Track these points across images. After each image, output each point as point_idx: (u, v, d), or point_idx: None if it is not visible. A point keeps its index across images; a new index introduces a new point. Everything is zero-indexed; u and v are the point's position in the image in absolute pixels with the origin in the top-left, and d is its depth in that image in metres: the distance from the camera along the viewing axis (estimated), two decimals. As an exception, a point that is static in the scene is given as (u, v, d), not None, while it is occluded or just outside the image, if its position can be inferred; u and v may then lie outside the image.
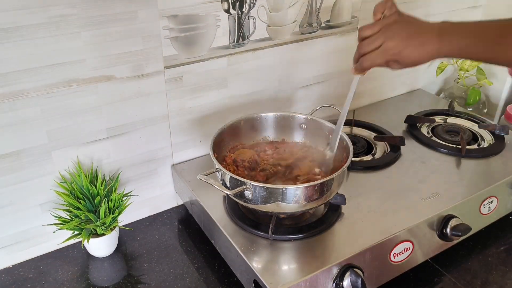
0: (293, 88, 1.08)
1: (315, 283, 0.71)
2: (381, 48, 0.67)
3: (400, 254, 0.79)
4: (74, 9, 0.72)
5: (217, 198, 0.87)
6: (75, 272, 0.84)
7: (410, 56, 0.66)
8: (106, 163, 0.88)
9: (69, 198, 0.81)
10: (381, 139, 1.05)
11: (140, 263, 0.86)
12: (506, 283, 0.83)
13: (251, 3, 0.91)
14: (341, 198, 0.81)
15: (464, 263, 0.88)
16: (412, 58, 0.66)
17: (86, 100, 0.80)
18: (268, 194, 0.71)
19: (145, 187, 0.95)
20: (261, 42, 0.97)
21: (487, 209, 0.91)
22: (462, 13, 1.32)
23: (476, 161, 0.99)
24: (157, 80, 0.86)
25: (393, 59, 0.67)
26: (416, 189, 0.89)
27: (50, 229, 0.84)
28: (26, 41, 0.70)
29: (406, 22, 0.68)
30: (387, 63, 0.68)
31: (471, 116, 1.17)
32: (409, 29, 0.67)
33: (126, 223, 0.95)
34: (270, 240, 0.77)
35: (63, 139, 0.81)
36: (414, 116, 1.15)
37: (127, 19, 0.78)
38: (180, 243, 0.91)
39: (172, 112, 0.91)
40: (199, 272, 0.85)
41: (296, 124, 0.93)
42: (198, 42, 0.88)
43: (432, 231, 0.83)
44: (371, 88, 1.25)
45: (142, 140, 0.90)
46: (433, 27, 0.67)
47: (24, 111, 0.75)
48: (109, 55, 0.79)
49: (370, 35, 0.68)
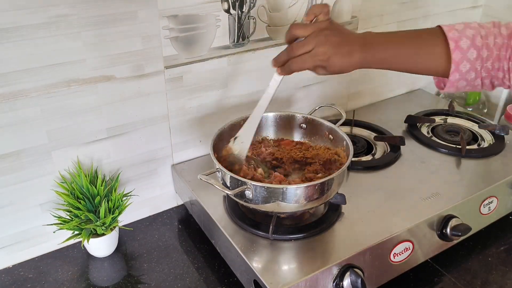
0: (293, 88, 1.08)
1: (315, 283, 0.71)
2: (312, 52, 0.67)
3: (400, 254, 0.79)
4: (74, 9, 0.72)
5: (217, 198, 0.87)
6: (75, 272, 0.84)
7: (337, 63, 0.67)
8: (106, 163, 0.88)
9: (69, 198, 0.81)
10: (381, 139, 1.05)
11: (140, 263, 0.86)
12: (506, 283, 0.83)
13: (251, 3, 0.91)
14: (341, 198, 0.81)
15: (464, 263, 0.88)
16: (338, 66, 0.67)
17: (86, 100, 0.80)
18: (268, 193, 0.71)
19: (145, 187, 0.95)
20: (261, 42, 0.97)
21: (487, 209, 0.91)
22: (462, 13, 1.32)
23: (476, 161, 0.99)
24: (157, 80, 0.86)
25: (321, 64, 0.67)
26: (416, 189, 0.89)
27: (50, 229, 0.84)
28: (26, 41, 0.70)
29: (337, 30, 0.68)
30: (315, 68, 0.68)
31: (471, 116, 1.17)
32: (339, 37, 0.67)
33: (126, 223, 0.95)
34: (270, 240, 0.77)
35: (63, 139, 0.81)
36: (414, 116, 1.15)
37: (127, 19, 0.78)
38: (180, 243, 0.91)
39: (172, 112, 0.91)
40: (199, 272, 0.85)
41: (296, 124, 0.93)
42: (198, 42, 0.88)
43: (432, 231, 0.83)
44: (371, 88, 1.25)
45: (142, 140, 0.90)
46: (359, 38, 0.68)
47: (24, 111, 0.75)
48: (109, 55, 0.79)
49: (301, 35, 0.68)
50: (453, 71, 0.66)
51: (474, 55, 0.65)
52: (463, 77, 0.67)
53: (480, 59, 0.65)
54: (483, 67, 0.66)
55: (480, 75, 0.66)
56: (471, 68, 0.66)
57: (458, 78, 0.67)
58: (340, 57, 0.67)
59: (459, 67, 0.66)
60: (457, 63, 0.65)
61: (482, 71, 0.66)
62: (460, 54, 0.65)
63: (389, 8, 1.15)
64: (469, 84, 0.68)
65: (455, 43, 0.65)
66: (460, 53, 0.65)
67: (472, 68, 0.66)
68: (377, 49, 0.68)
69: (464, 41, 0.65)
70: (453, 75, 0.66)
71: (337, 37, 0.67)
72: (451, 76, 0.66)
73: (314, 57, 0.67)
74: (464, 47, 0.65)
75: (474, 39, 0.65)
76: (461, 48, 0.65)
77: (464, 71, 0.66)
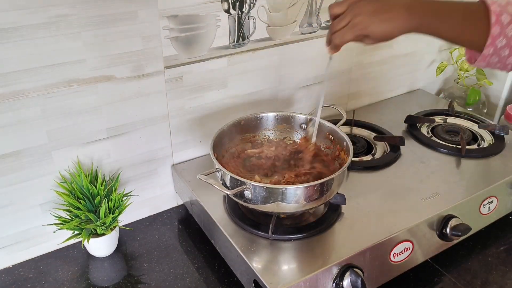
0: (293, 88, 1.08)
1: (315, 283, 0.71)
2: (350, 24, 0.68)
3: (400, 254, 0.79)
4: (74, 9, 0.73)
5: (217, 198, 0.87)
6: (75, 272, 0.84)
7: (377, 30, 0.67)
8: (106, 163, 0.88)
9: (69, 198, 0.81)
10: (381, 139, 1.05)
11: (140, 263, 0.86)
12: (506, 283, 0.83)
13: (251, 3, 0.91)
14: (341, 198, 0.81)
15: (464, 263, 0.88)
16: (380, 32, 0.68)
17: (86, 100, 0.80)
18: (268, 194, 0.71)
19: (145, 187, 0.95)
20: (261, 42, 0.97)
21: (487, 209, 0.91)
22: (462, 13, 1.32)
23: (476, 161, 0.99)
24: (157, 80, 0.87)
25: (362, 33, 0.68)
26: (416, 189, 0.89)
27: (50, 229, 0.84)
28: (26, 41, 0.71)
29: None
30: (358, 38, 0.69)
31: (471, 116, 1.17)
32: (375, 4, 0.68)
33: (126, 223, 0.95)
34: (270, 240, 0.77)
35: (63, 139, 0.81)
36: (414, 116, 1.15)
37: (127, 19, 0.78)
38: (180, 243, 0.92)
39: (172, 112, 0.91)
40: (199, 272, 0.85)
41: (296, 124, 0.93)
42: (198, 42, 0.88)
43: (432, 231, 0.83)
44: (371, 88, 1.25)
45: (142, 140, 0.90)
46: (402, 3, 0.68)
47: (24, 111, 0.75)
48: (109, 55, 0.79)
49: (339, 13, 0.69)
50: (489, 44, 0.65)
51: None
52: (497, 53, 0.66)
53: None
54: None
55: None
56: (507, 44, 0.65)
57: (492, 52, 0.66)
58: (379, 23, 0.67)
59: (495, 42, 0.65)
60: (495, 38, 0.64)
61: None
62: (499, 29, 0.64)
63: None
64: (500, 61, 0.67)
65: (496, 17, 0.64)
66: (499, 28, 0.64)
67: (508, 44, 0.65)
68: (422, 14, 0.67)
69: (505, 16, 0.64)
70: (487, 48, 0.65)
71: (373, 5, 0.67)
72: (485, 50, 0.65)
73: (352, 28, 0.68)
74: (504, 22, 0.64)
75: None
76: (502, 22, 0.64)
77: (499, 47, 0.65)
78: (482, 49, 0.66)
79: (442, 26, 0.67)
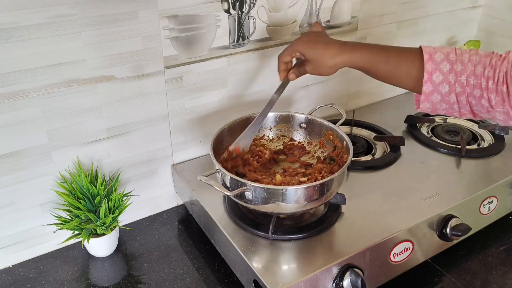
0: (293, 88, 1.08)
1: (315, 283, 0.71)
2: (289, 46, 0.78)
3: (400, 254, 0.79)
4: (74, 9, 0.73)
5: (217, 198, 0.87)
6: (75, 272, 0.84)
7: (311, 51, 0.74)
8: (106, 163, 0.88)
9: (69, 198, 0.81)
10: (381, 139, 1.05)
11: (140, 263, 0.86)
12: (506, 283, 0.83)
13: (251, 3, 0.91)
14: (341, 198, 0.81)
15: (464, 263, 0.88)
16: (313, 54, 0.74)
17: (86, 100, 0.80)
18: (268, 194, 0.71)
19: (145, 187, 0.95)
20: (261, 42, 0.97)
21: (487, 209, 0.91)
22: (462, 13, 1.32)
23: (476, 161, 0.99)
24: (157, 80, 0.86)
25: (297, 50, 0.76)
26: (416, 189, 0.89)
27: (50, 229, 0.85)
28: (26, 41, 0.70)
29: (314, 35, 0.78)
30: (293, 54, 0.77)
31: (471, 116, 1.17)
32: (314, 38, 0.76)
33: (126, 223, 0.95)
34: (270, 240, 0.77)
35: (63, 139, 0.81)
36: (414, 116, 1.15)
37: (127, 19, 0.78)
38: (180, 243, 0.92)
39: (172, 112, 0.91)
40: (199, 272, 0.85)
41: (296, 123, 0.93)
42: (198, 42, 0.88)
43: (432, 231, 0.83)
44: (371, 88, 1.25)
45: (142, 140, 0.90)
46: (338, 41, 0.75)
47: (24, 111, 0.75)
48: (109, 55, 0.79)
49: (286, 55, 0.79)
50: (426, 80, 0.67)
51: (447, 67, 0.66)
52: (437, 89, 0.68)
53: (453, 72, 0.66)
54: (457, 80, 0.66)
55: (454, 90, 0.67)
56: (444, 79, 0.67)
57: (432, 90, 0.68)
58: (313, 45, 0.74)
59: (432, 77, 0.67)
60: (430, 73, 0.67)
61: (456, 85, 0.66)
62: (433, 65, 0.67)
63: (389, 8, 1.15)
64: (444, 100, 0.68)
65: (429, 56, 0.67)
66: (433, 64, 0.67)
67: (445, 79, 0.67)
68: (357, 48, 0.73)
69: (438, 55, 0.67)
70: (426, 85, 0.68)
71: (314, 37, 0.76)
72: (424, 86, 0.68)
73: (290, 48, 0.77)
74: (437, 59, 0.67)
75: (449, 54, 0.67)
76: (435, 60, 0.67)
77: (437, 82, 0.67)
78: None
79: (378, 58, 0.71)
